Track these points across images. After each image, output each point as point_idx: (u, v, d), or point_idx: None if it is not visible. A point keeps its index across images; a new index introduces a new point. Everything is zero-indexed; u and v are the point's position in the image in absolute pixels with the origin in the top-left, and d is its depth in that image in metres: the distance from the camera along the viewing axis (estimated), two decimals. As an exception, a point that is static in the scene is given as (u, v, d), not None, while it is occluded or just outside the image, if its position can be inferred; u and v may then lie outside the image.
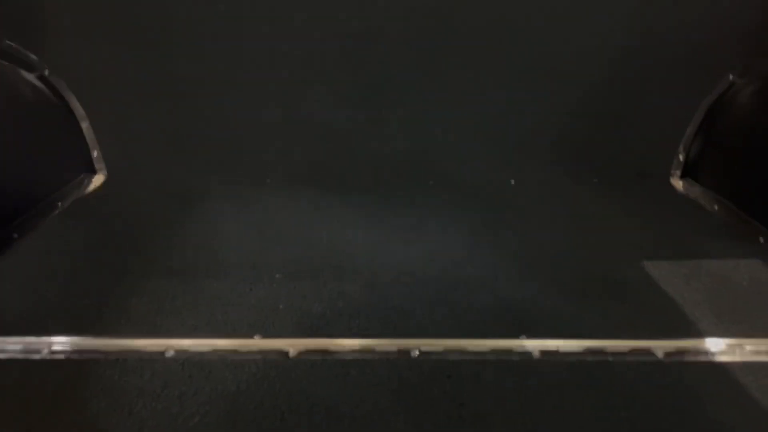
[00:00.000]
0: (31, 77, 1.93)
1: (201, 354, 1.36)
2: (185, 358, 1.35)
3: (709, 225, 2.02)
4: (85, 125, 2.04)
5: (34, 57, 1.89)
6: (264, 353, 1.37)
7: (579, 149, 2.23)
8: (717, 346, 1.42)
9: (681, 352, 1.38)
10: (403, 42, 1.98)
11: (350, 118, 2.11)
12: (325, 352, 1.37)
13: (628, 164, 2.22)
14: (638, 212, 2.09)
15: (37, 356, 1.34)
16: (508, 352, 1.37)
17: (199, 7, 1.88)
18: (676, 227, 2.00)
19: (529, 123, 2.19)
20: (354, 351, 1.37)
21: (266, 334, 1.43)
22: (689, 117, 2.08)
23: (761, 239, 1.85)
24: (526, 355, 1.36)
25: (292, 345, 1.38)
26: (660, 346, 1.38)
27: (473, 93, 2.11)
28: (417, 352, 1.37)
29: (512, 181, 2.24)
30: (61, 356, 1.35)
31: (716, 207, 2.07)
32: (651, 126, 2.16)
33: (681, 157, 2.13)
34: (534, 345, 1.38)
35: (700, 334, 1.45)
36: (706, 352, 1.40)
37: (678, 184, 2.23)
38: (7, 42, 1.85)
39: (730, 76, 2.00)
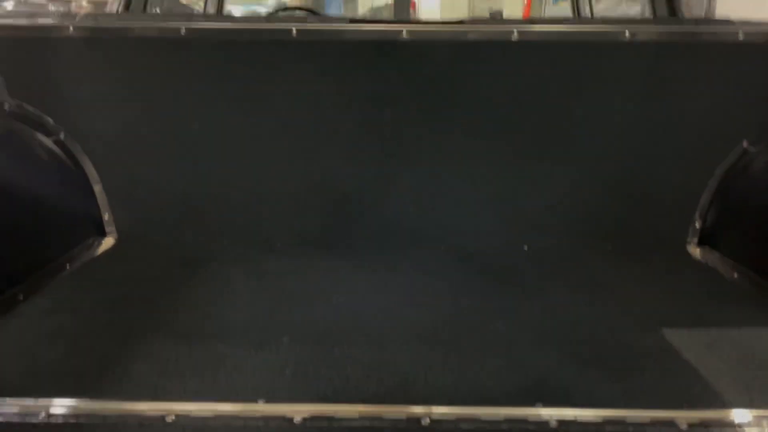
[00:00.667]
0: (47, 140, 1.95)
1: (203, 419, 1.31)
2: (186, 423, 1.30)
3: (729, 293, 1.97)
4: (97, 188, 2.05)
5: (50, 120, 1.92)
6: (268, 419, 1.31)
7: (593, 216, 2.21)
8: (743, 418, 1.35)
9: (705, 423, 1.31)
10: (417, 108, 2.00)
11: (361, 182, 2.12)
12: (331, 419, 1.31)
13: (644, 232, 2.20)
14: (656, 280, 2.04)
15: (34, 420, 1.29)
16: (524, 420, 1.30)
17: (212, 75, 1.92)
18: (695, 295, 1.95)
19: (542, 190, 2.18)
20: (362, 417, 1.32)
21: (271, 399, 1.38)
22: (704, 184, 2.07)
23: None
24: (542, 424, 1.30)
25: (298, 411, 1.33)
26: (683, 417, 1.31)
27: (486, 160, 2.11)
28: (428, 420, 1.31)
29: (526, 247, 2.22)
30: (59, 420, 1.30)
31: (736, 275, 2.03)
32: (666, 193, 2.14)
33: (697, 225, 2.10)
34: (550, 414, 1.32)
35: (725, 405, 1.38)
36: (732, 424, 1.33)
37: (695, 251, 2.19)
38: (25, 105, 1.89)
39: (744, 143, 1.99)
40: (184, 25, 1.72)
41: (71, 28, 1.72)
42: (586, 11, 4.21)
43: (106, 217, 2.08)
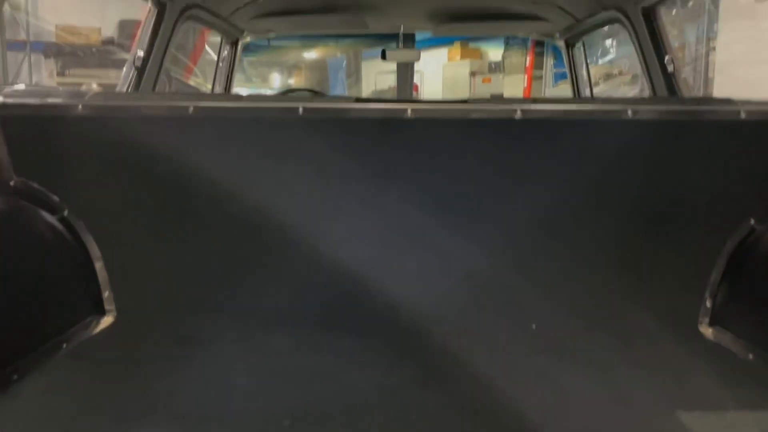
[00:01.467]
0: (51, 218, 1.95)
1: None
2: None
3: (744, 374, 1.91)
4: (99, 265, 2.03)
5: (55, 198, 1.92)
6: None
7: (600, 295, 2.17)
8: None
9: None
10: (421, 185, 1.99)
11: (365, 260, 2.09)
12: None
13: (653, 312, 2.15)
14: (668, 361, 1.99)
15: None
16: None
17: (218, 153, 1.93)
18: (710, 376, 1.89)
19: (548, 268, 2.15)
20: None
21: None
22: (713, 262, 2.04)
23: None
24: None
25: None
26: None
27: (491, 236, 2.09)
28: None
29: (534, 326, 2.17)
30: None
31: (750, 356, 1.97)
32: (674, 272, 2.11)
33: (708, 304, 2.06)
34: None
35: None
36: None
37: (707, 331, 2.14)
38: (30, 183, 1.89)
39: (751, 221, 1.98)
40: (193, 103, 1.75)
41: (80, 107, 1.75)
42: (586, 92, 4.30)
43: (105, 294, 2.05)
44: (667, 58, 2.89)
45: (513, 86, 11.63)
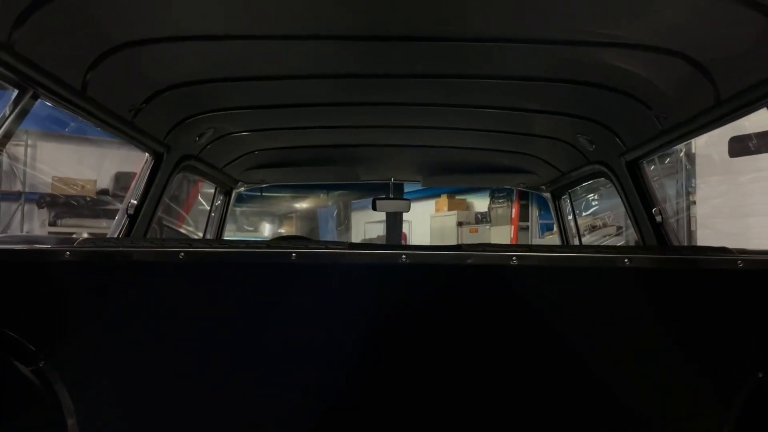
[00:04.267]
0: (24, 370, 1.84)
1: None
2: None
3: None
4: (71, 422, 1.89)
5: (31, 348, 1.82)
6: None
7: None
8: None
9: None
10: (416, 331, 1.92)
11: (361, 406, 1.97)
12: None
13: None
14: None
15: None
16: None
17: (208, 299, 1.87)
18: None
19: (545, 422, 2.03)
20: None
21: None
22: (724, 419, 1.93)
23: None
24: None
25: None
26: None
27: (487, 382, 1.99)
28: None
29: None
30: None
31: None
32: (682, 429, 1.99)
33: None
34: None
35: None
36: None
37: None
38: (7, 332, 1.80)
39: (759, 375, 1.90)
40: (183, 249, 1.72)
41: (67, 253, 1.71)
42: (574, 242, 4.35)
43: None
44: (654, 209, 2.95)
45: (500, 236, 11.84)
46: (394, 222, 4.49)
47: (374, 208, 4.36)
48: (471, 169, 4.18)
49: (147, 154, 2.96)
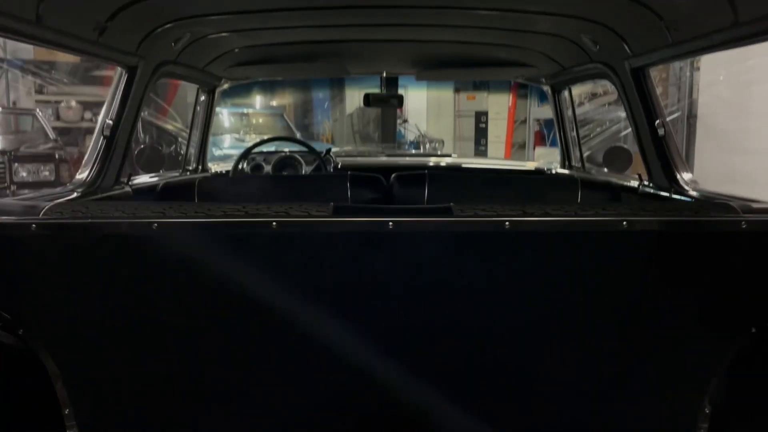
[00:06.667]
0: (4, 337, 1.80)
1: None
2: None
3: None
4: (58, 385, 1.88)
5: (7, 316, 1.77)
6: None
7: (598, 406, 2.03)
8: None
9: None
10: (404, 300, 1.86)
11: (344, 383, 1.95)
12: None
13: (651, 419, 2.03)
14: None
15: None
16: None
17: (185, 269, 1.77)
18: None
19: (541, 382, 2.00)
20: None
21: None
22: (714, 370, 1.93)
23: None
24: None
25: None
26: None
27: (480, 349, 1.95)
28: None
29: None
30: None
31: None
32: (673, 378, 1.99)
33: (707, 410, 1.96)
34: None
35: None
36: None
37: None
38: None
39: (752, 329, 1.88)
40: (156, 220, 1.62)
41: (33, 226, 1.62)
42: (572, 135, 4.21)
43: (66, 411, 1.92)
44: (657, 122, 2.81)
45: (498, 104, 11.60)
46: (388, 116, 4.33)
47: (366, 104, 4.18)
48: (467, 62, 3.96)
49: (119, 68, 2.77)
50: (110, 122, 2.74)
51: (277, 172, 4.26)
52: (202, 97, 4.09)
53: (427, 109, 12.62)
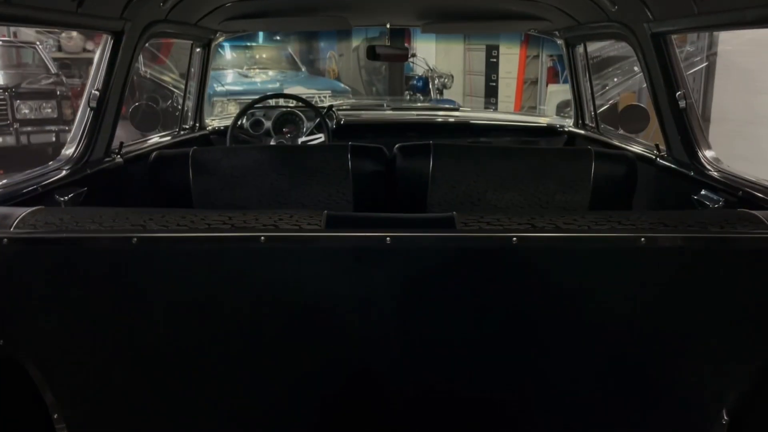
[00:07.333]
0: None
1: None
2: None
3: None
4: (46, 393, 1.81)
5: None
6: None
7: (612, 415, 1.95)
8: None
9: None
10: (401, 315, 1.74)
11: (340, 399, 1.87)
12: None
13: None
14: None
15: None
16: None
17: (169, 285, 1.66)
18: None
19: (548, 402, 1.91)
20: None
21: None
22: (734, 383, 1.83)
23: None
24: None
25: None
26: None
27: (486, 366, 1.85)
28: None
29: None
30: None
31: None
32: (691, 393, 1.89)
33: (724, 422, 1.87)
34: None
35: None
36: None
37: None
38: None
39: None
40: (136, 235, 1.51)
41: (5, 240, 1.51)
42: (586, 90, 4.01)
43: (55, 416, 1.86)
44: (678, 93, 2.63)
45: (509, 37, 11.16)
46: (395, 70, 4.12)
47: (370, 57, 3.97)
48: (477, 15, 3.73)
49: (104, 36, 2.60)
50: (96, 92, 2.59)
51: (277, 128, 4.10)
52: (197, 50, 3.90)
53: (436, 41, 12.18)
